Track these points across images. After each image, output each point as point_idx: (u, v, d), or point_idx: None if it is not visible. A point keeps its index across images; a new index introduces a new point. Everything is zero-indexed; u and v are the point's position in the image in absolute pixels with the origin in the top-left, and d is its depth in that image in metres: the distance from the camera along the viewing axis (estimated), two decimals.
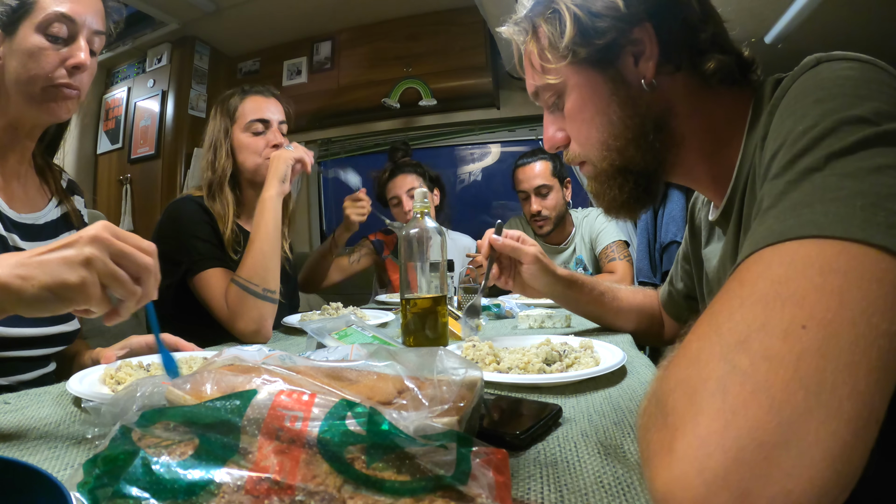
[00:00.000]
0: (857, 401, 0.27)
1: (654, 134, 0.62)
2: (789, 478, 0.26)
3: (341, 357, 0.58)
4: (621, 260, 1.95)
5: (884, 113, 0.38)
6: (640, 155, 0.63)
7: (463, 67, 2.61)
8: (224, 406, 0.34)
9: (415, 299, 0.86)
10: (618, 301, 1.01)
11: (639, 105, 0.61)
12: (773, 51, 1.68)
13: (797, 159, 0.39)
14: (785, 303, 0.31)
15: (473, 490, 0.31)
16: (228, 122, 1.28)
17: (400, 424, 0.33)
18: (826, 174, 0.37)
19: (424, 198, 0.87)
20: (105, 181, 3.05)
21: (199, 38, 2.92)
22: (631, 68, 0.61)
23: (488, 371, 0.68)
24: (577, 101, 0.64)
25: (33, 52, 0.77)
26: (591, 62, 0.62)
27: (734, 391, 0.28)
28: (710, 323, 0.34)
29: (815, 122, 0.40)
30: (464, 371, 0.42)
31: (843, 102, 0.40)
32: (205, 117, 2.93)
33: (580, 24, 0.60)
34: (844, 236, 0.32)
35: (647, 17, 0.59)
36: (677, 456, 0.28)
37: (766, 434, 0.26)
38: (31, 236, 0.87)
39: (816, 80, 0.45)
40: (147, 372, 0.70)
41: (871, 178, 0.35)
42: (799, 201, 0.36)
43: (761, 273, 0.34)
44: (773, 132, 0.45)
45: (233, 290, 1.07)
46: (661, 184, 0.67)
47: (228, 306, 1.07)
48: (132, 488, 0.31)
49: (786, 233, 0.34)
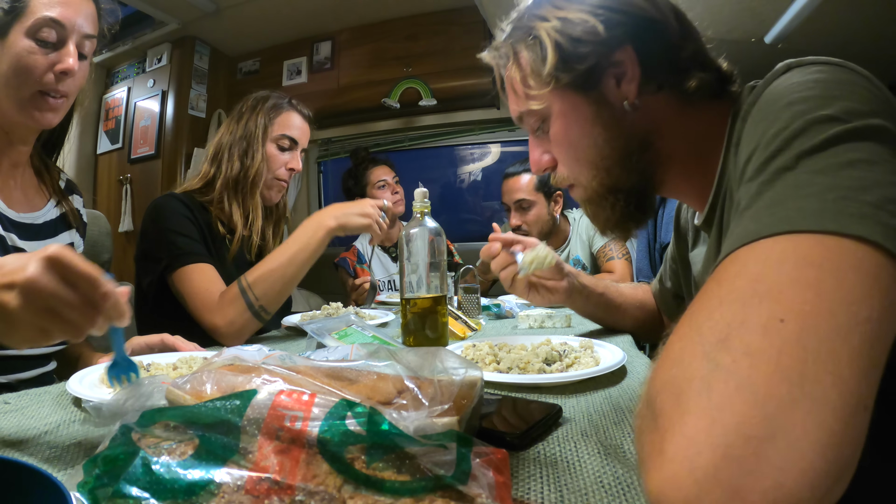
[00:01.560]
0: (842, 389, 0.27)
1: (638, 154, 0.63)
2: (780, 471, 0.26)
3: (341, 357, 0.58)
4: (620, 259, 1.94)
5: (853, 111, 0.39)
6: (626, 174, 0.63)
7: (463, 67, 2.61)
8: (224, 406, 0.34)
9: (415, 299, 0.86)
10: (621, 296, 1.01)
11: (623, 126, 0.62)
12: (773, 51, 1.68)
13: (770, 161, 0.40)
14: (762, 299, 0.31)
15: (473, 490, 0.31)
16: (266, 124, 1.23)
17: (400, 424, 0.33)
18: (798, 172, 0.37)
19: (424, 198, 0.87)
20: (105, 181, 3.06)
21: (199, 38, 2.92)
22: (613, 90, 0.61)
23: (488, 371, 0.68)
24: (561, 126, 0.65)
25: (22, 56, 0.76)
26: (573, 87, 0.62)
27: (718, 388, 0.29)
28: (690, 323, 0.34)
29: (787, 124, 0.40)
30: (464, 371, 0.42)
31: (813, 104, 0.41)
32: (204, 117, 2.95)
33: (561, 51, 0.60)
34: (817, 229, 0.33)
35: (628, 39, 0.59)
36: (668, 457, 0.28)
37: (752, 428, 0.27)
38: (31, 235, 0.87)
39: (787, 85, 0.45)
40: (147, 372, 0.70)
41: (843, 172, 0.35)
42: (772, 200, 0.37)
43: (738, 272, 0.34)
44: (745, 137, 0.46)
45: (234, 289, 1.03)
46: (652, 200, 0.68)
47: (219, 297, 1.02)
48: (132, 488, 0.31)
49: (760, 231, 0.35)
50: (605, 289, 0.99)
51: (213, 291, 1.04)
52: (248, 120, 1.23)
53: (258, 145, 1.20)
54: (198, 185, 1.22)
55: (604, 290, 0.99)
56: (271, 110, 1.24)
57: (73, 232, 0.98)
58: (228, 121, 1.26)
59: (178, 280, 1.06)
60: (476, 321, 1.12)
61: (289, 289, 1.06)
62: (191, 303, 1.05)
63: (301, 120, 1.28)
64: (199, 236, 1.13)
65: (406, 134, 2.97)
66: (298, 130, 1.26)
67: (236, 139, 1.21)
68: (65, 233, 0.96)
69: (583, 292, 0.96)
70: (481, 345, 0.77)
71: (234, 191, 1.20)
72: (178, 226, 1.10)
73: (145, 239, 1.13)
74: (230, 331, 1.01)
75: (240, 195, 1.21)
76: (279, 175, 1.24)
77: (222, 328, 1.01)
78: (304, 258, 1.05)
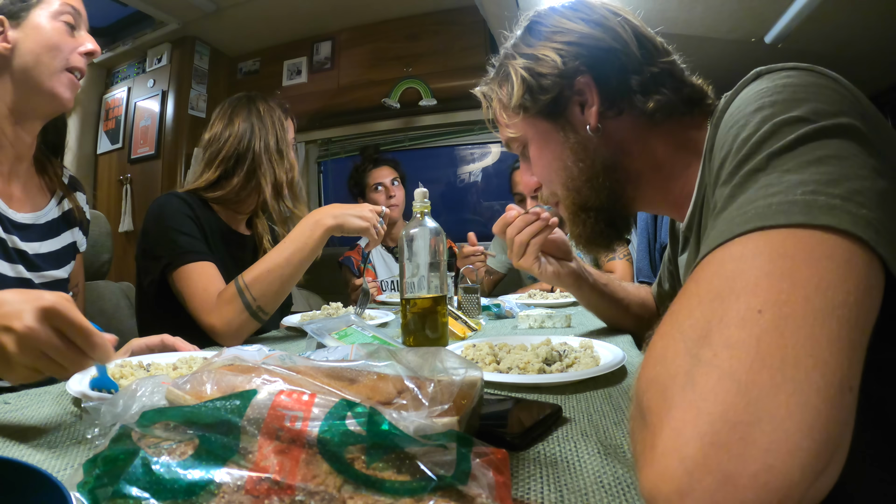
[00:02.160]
0: (823, 370, 0.28)
1: (604, 175, 0.68)
2: (768, 453, 0.26)
3: (341, 357, 0.58)
4: (621, 259, 1.94)
5: (821, 111, 0.40)
6: (595, 194, 0.69)
7: (463, 67, 2.61)
8: (224, 406, 0.34)
9: (415, 299, 0.86)
10: (624, 292, 1.02)
11: (588, 149, 0.67)
12: (773, 51, 1.68)
13: (742, 164, 0.41)
14: (739, 294, 0.31)
15: (473, 490, 0.31)
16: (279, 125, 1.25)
17: (400, 424, 0.33)
18: (768, 172, 0.38)
19: (425, 198, 0.87)
20: (105, 181, 3.06)
21: (199, 38, 2.92)
22: (578, 116, 0.67)
23: (488, 371, 0.68)
24: (536, 150, 0.72)
25: (55, 35, 0.83)
26: (542, 115, 0.69)
27: (701, 381, 0.29)
28: (671, 322, 0.35)
29: (756, 129, 0.42)
30: (464, 371, 0.42)
31: (781, 107, 0.42)
32: (204, 117, 2.95)
33: (527, 84, 0.67)
34: (788, 223, 0.33)
35: (586, 69, 0.65)
36: (658, 452, 0.29)
37: (737, 414, 0.27)
38: (32, 237, 0.87)
39: (756, 91, 0.47)
40: (147, 372, 0.70)
41: (811, 168, 0.36)
42: (744, 201, 0.37)
43: (715, 271, 0.35)
44: (717, 143, 0.48)
45: (231, 288, 1.02)
46: (624, 219, 0.73)
47: (217, 297, 1.02)
48: (132, 488, 0.31)
49: (733, 230, 0.35)
50: (609, 281, 1.01)
51: (211, 291, 1.04)
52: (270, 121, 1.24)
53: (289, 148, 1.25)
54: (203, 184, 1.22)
55: (608, 281, 1.01)
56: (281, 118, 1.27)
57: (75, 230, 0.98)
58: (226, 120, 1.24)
59: (178, 279, 1.06)
60: (476, 321, 1.12)
61: (287, 288, 1.06)
62: (189, 303, 1.05)
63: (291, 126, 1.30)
64: (201, 235, 1.13)
65: (406, 134, 2.97)
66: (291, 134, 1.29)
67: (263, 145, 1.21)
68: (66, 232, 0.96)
69: (588, 279, 0.98)
70: (481, 345, 0.77)
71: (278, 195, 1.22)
72: (180, 224, 1.10)
73: (146, 237, 1.13)
74: (228, 331, 1.01)
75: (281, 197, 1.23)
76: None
77: (219, 328, 1.01)
78: (301, 257, 1.05)
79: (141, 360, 0.74)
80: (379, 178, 2.16)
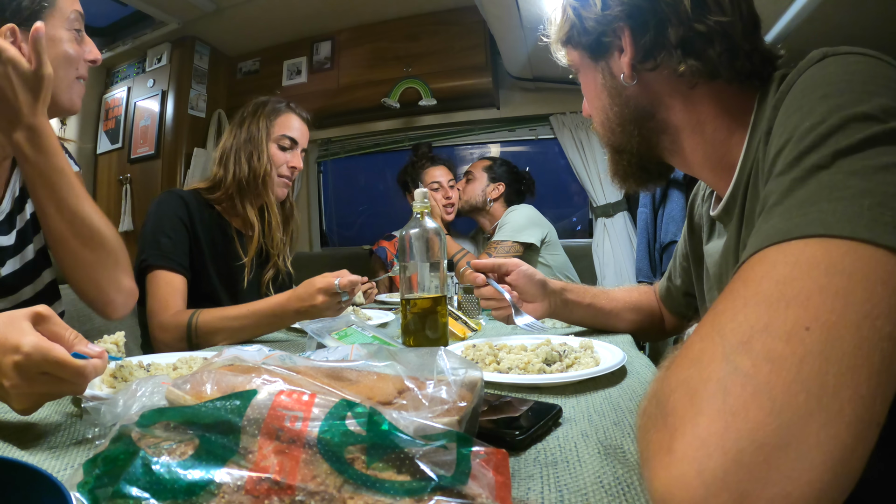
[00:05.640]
0: (858, 405, 0.27)
1: (635, 123, 0.67)
2: (788, 480, 0.26)
3: (341, 357, 0.58)
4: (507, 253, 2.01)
5: (890, 110, 0.38)
6: (626, 139, 0.69)
7: (463, 67, 2.61)
8: (224, 406, 0.34)
9: (415, 299, 0.86)
10: (613, 301, 1.00)
11: (622, 95, 0.67)
12: None
13: (803, 156, 0.39)
14: (789, 304, 0.30)
15: (473, 490, 0.31)
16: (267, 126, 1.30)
17: (400, 424, 0.33)
18: (833, 172, 0.36)
19: (425, 198, 0.87)
20: (105, 181, 3.05)
21: (199, 38, 2.91)
22: (616, 62, 0.66)
23: (488, 371, 0.68)
24: (583, 83, 0.73)
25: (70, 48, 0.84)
26: (587, 52, 0.69)
27: (735, 392, 0.28)
28: (713, 323, 0.33)
29: (822, 119, 0.39)
30: (464, 371, 0.42)
31: (850, 98, 0.39)
32: (204, 117, 2.95)
33: (571, 23, 0.68)
34: (851, 236, 0.32)
35: (624, 17, 0.63)
36: (677, 456, 0.28)
37: (766, 436, 0.26)
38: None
39: (823, 75, 0.44)
40: (147, 372, 0.70)
41: (878, 176, 0.35)
42: (805, 199, 0.36)
43: (766, 273, 0.33)
44: (777, 127, 0.45)
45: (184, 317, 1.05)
46: (658, 165, 0.71)
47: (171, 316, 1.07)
48: (132, 488, 0.31)
49: (791, 231, 0.34)
50: (592, 299, 0.99)
51: (170, 306, 1.09)
52: (251, 124, 1.30)
53: (262, 147, 1.27)
54: (205, 185, 1.29)
55: (591, 300, 0.98)
56: (271, 113, 1.31)
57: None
58: (231, 126, 1.33)
59: (147, 280, 1.12)
60: (476, 321, 1.12)
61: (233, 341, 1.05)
62: (148, 305, 1.12)
63: (300, 122, 1.35)
64: (188, 238, 1.18)
65: (406, 134, 2.96)
66: (297, 131, 1.34)
67: (241, 143, 1.28)
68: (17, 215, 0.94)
69: (566, 307, 0.97)
70: (481, 345, 0.77)
71: (245, 191, 1.26)
72: (168, 226, 1.16)
73: (142, 229, 1.20)
74: (163, 347, 1.07)
75: (250, 195, 1.27)
76: (282, 172, 1.32)
77: (159, 341, 1.09)
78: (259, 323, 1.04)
79: (141, 359, 0.74)
80: (436, 176, 2.21)
